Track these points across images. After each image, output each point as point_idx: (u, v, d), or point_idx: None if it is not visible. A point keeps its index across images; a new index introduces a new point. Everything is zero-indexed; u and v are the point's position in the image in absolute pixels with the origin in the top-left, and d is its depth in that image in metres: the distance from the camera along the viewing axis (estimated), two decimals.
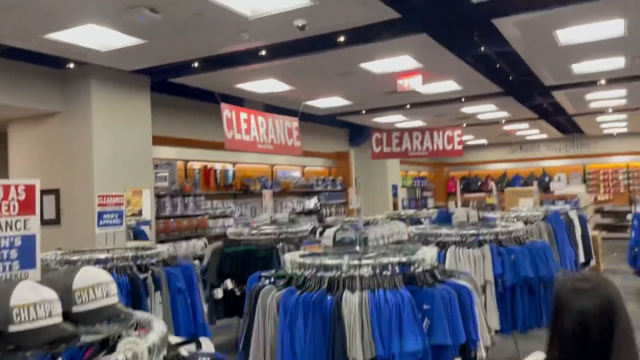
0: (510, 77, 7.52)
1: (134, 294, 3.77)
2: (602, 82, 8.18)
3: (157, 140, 7.91)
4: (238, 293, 5.73)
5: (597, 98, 10.04)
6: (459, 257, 4.61)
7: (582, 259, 8.31)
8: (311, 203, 11.91)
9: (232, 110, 7.11)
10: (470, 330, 2.98)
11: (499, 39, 5.71)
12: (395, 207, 14.32)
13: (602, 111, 11.68)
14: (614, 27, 5.51)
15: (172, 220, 8.30)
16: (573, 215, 8.51)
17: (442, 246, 4.63)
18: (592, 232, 9.95)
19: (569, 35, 5.72)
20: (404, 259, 3.02)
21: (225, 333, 6.49)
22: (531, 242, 4.92)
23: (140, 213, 7.33)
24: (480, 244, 4.65)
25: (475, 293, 3.11)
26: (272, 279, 3.24)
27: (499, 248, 4.63)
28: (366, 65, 6.89)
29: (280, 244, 5.73)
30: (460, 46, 6.10)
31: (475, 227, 4.90)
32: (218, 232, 9.08)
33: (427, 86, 8.03)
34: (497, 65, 6.71)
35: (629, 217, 15.33)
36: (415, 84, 7.11)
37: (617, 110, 11.60)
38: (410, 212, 9.74)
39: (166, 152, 8.55)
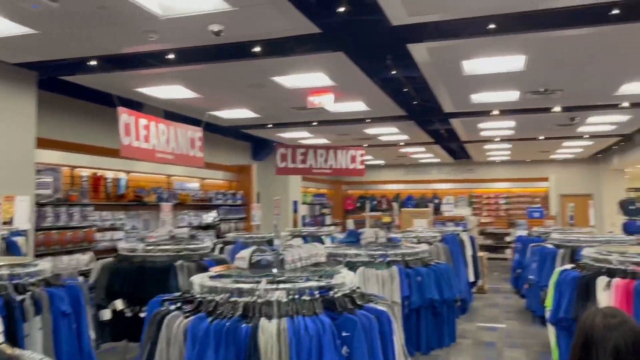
0: (415, 102, 7.77)
1: (10, 318, 3.23)
2: (496, 112, 8.76)
3: (42, 143, 7.12)
4: (129, 314, 5.25)
5: (489, 127, 10.77)
6: (367, 278, 4.57)
7: (471, 278, 8.74)
8: (209, 217, 11.44)
9: (130, 115, 6.59)
10: (389, 358, 2.89)
11: (410, 63, 5.85)
12: (295, 223, 14.26)
13: (490, 140, 12.55)
14: (515, 62, 5.89)
15: (54, 231, 7.47)
16: (464, 236, 8.95)
17: (351, 267, 4.57)
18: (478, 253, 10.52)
19: (473, 66, 6.02)
20: (323, 283, 2.87)
21: (111, 357, 5.92)
22: (436, 264, 5.00)
23: (11, 221, 6.49)
24: (388, 265, 4.65)
25: (393, 319, 3.03)
26: (178, 304, 2.92)
27: (407, 269, 4.65)
28: (279, 79, 6.74)
29: (179, 262, 5.34)
30: (374, 67, 6.18)
31: (382, 248, 4.90)
32: (106, 246, 8.37)
33: (337, 105, 8.06)
34: (405, 90, 6.89)
35: (508, 239, 16.64)
36: (326, 101, 7.08)
37: (504, 139, 12.54)
38: (312, 229, 9.70)
39: (51, 157, 7.72)
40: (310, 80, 6.81)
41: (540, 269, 6.63)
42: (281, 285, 2.71)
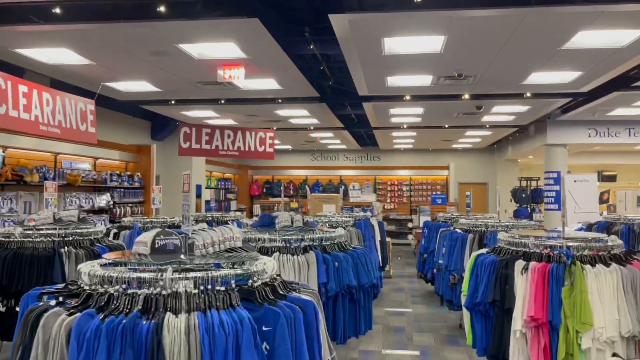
0: (330, 82, 7.49)
1: None
2: (408, 97, 8.73)
3: None
4: (2, 309, 4.56)
5: (398, 114, 10.81)
6: (282, 265, 4.27)
7: (380, 263, 8.74)
8: (103, 200, 10.45)
9: (7, 80, 5.68)
10: (315, 354, 2.57)
11: (330, 38, 5.53)
12: (198, 208, 13.63)
13: (398, 127, 12.67)
14: (433, 43, 5.77)
15: None
16: (374, 221, 8.92)
17: (265, 252, 4.25)
18: None
19: (394, 44, 5.83)
20: (240, 271, 2.48)
21: None
22: (353, 249, 4.81)
23: None
24: (305, 250, 4.38)
25: (320, 310, 2.70)
26: (60, 298, 2.39)
27: (324, 255, 4.41)
28: (185, 47, 6.10)
29: (66, 248, 4.68)
30: (291, 40, 5.78)
31: (298, 232, 4.63)
32: None
33: (247, 81, 7.57)
34: (321, 68, 6.56)
35: (410, 225, 17.13)
36: (237, 76, 6.57)
37: (411, 127, 12.72)
38: (217, 214, 9.25)
39: None
40: (220, 51, 6.24)
41: (450, 254, 6.69)
42: (191, 274, 2.29)
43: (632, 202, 12.92)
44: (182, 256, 2.59)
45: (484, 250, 4.68)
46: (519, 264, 3.89)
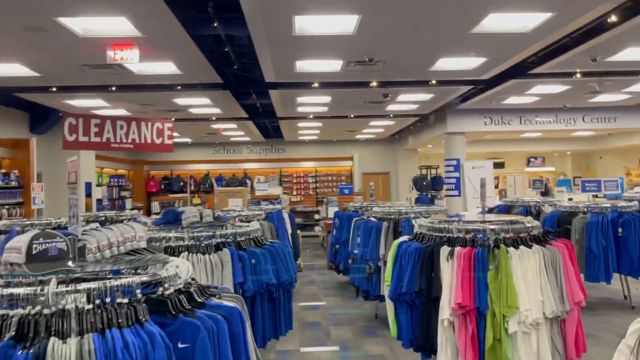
0: (235, 67, 6.99)
1: None
2: (316, 85, 8.45)
3: None
4: None
5: (305, 102, 10.53)
6: (193, 266, 3.79)
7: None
8: None
9: None
10: None
11: (236, 16, 5.06)
12: (87, 208, 12.50)
13: (305, 117, 12.41)
14: (347, 23, 5.50)
15: None
16: (284, 214, 8.62)
17: (172, 253, 3.77)
18: None
19: (305, 23, 5.48)
20: (147, 277, 2.03)
21: None
22: (270, 244, 4.45)
23: None
24: (218, 247, 3.95)
25: (246, 316, 2.31)
26: None
27: (239, 252, 4.01)
28: (66, 21, 5.28)
29: None
30: (192, 17, 5.21)
31: (208, 229, 4.18)
32: None
33: (142, 65, 6.84)
34: (226, 50, 6.05)
35: (317, 216, 17.04)
36: (130, 58, 5.87)
37: (317, 117, 12.52)
38: (111, 213, 8.44)
39: None
40: (110, 27, 5.50)
41: (365, 243, 6.54)
42: (83, 285, 1.81)
43: (521, 186, 13.80)
44: (69, 263, 2.06)
45: (405, 238, 4.50)
46: (444, 250, 3.76)
